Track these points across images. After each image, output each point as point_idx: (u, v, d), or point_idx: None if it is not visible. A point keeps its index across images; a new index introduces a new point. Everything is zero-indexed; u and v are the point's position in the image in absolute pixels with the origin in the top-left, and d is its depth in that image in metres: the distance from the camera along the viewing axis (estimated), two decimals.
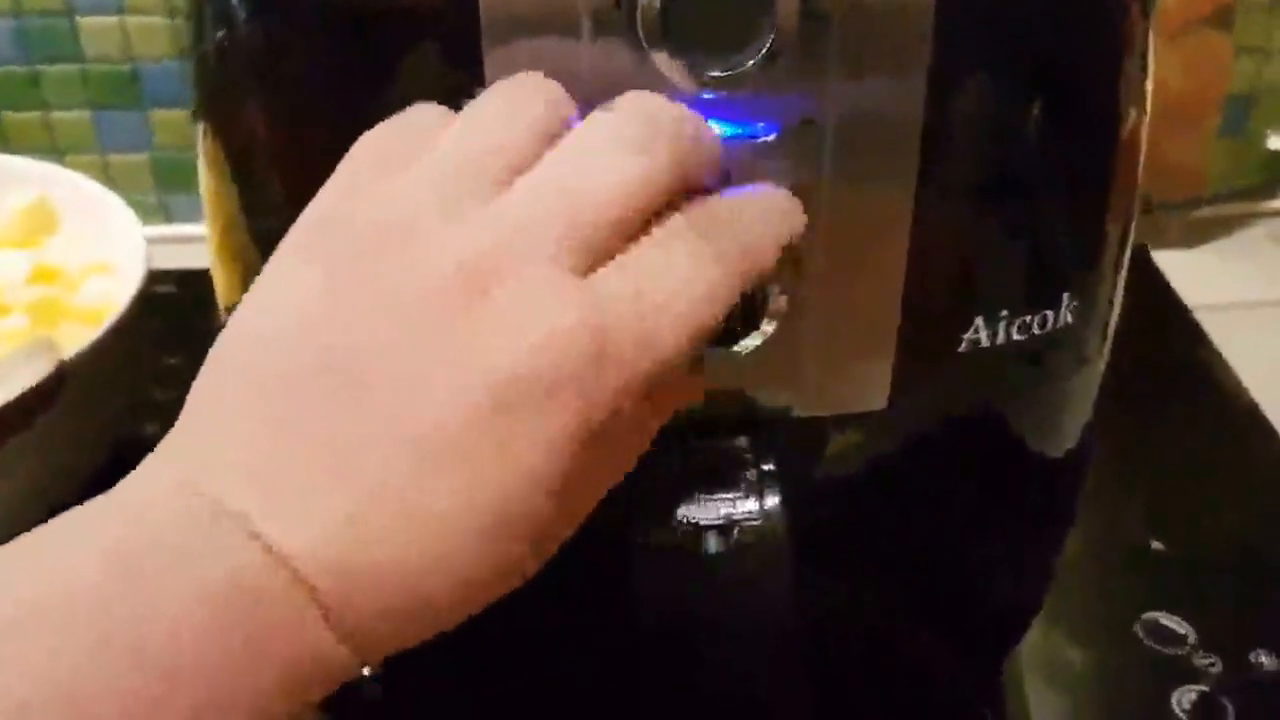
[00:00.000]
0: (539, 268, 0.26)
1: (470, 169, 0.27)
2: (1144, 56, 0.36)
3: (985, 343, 0.36)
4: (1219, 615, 0.52)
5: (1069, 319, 0.37)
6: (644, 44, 0.30)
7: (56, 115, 0.65)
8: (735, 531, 0.34)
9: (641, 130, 0.28)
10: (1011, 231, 0.35)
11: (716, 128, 0.31)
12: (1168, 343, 0.66)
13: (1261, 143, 0.71)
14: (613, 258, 0.27)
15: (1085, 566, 0.54)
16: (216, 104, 0.37)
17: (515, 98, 0.28)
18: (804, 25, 0.30)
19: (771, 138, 0.32)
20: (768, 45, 0.30)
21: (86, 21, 0.63)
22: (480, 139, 0.28)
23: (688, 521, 0.34)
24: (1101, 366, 0.41)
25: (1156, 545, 0.55)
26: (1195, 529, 0.57)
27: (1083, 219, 0.37)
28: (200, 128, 0.38)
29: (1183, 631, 0.51)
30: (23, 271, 0.53)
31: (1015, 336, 0.36)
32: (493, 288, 0.26)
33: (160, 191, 0.67)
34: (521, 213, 0.26)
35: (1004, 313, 0.35)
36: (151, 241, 0.52)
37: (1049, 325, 0.36)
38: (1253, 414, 0.62)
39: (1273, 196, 0.73)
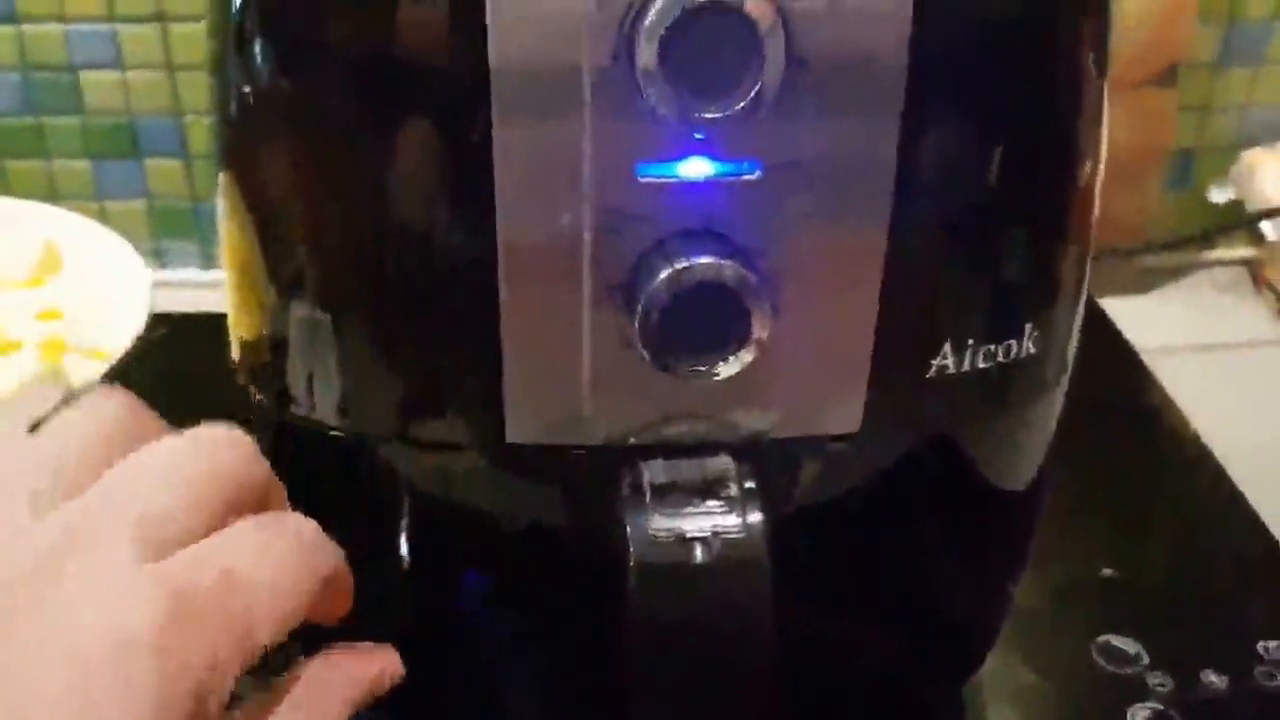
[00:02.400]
0: (109, 556, 0.28)
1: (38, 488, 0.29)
2: (1099, 108, 0.39)
3: (953, 369, 0.38)
4: (1169, 637, 0.54)
5: (1031, 348, 0.40)
6: (641, 88, 0.33)
7: (58, 164, 0.68)
8: (718, 544, 0.36)
9: (193, 446, 0.31)
10: (978, 267, 0.38)
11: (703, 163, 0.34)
12: (1118, 384, 0.68)
13: (1204, 195, 0.75)
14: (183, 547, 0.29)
15: (1042, 593, 0.57)
16: (238, 154, 0.39)
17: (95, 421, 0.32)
18: (788, 73, 0.33)
19: (756, 175, 0.35)
20: (755, 90, 0.33)
21: (88, 76, 0.66)
22: (52, 460, 0.30)
23: (675, 534, 0.36)
24: (1061, 396, 0.44)
25: (1109, 573, 0.58)
26: (1147, 557, 0.59)
27: (1043, 256, 0.39)
28: (221, 176, 0.39)
29: (1135, 652, 0.54)
30: (30, 310, 0.55)
31: (981, 364, 0.39)
32: (63, 582, 0.27)
33: (155, 238, 0.69)
34: (91, 509, 0.29)
35: (970, 341, 0.38)
36: None
37: (1013, 354, 0.39)
38: (1199, 449, 0.65)
39: (1215, 246, 0.77)
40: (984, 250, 0.38)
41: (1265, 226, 0.72)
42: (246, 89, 0.37)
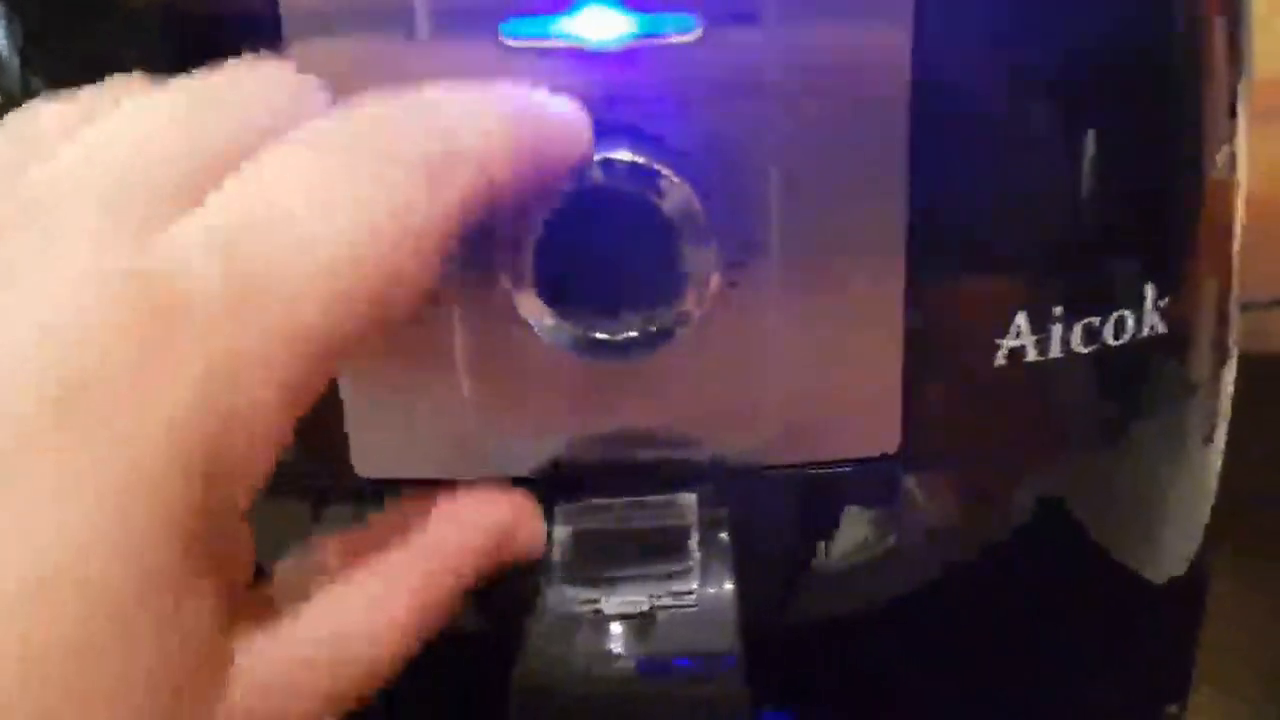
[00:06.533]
0: (79, 222, 0.19)
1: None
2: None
3: (1033, 354, 0.25)
4: None
5: (1158, 325, 0.26)
6: None
7: None
8: (663, 624, 0.23)
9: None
10: (1063, 189, 0.25)
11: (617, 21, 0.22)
12: None
13: None
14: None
15: None
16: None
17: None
18: None
19: (690, 36, 0.22)
20: None
21: None
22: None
23: (591, 610, 0.23)
24: (1222, 420, 0.29)
25: None
26: None
27: (1163, 182, 0.26)
28: None
29: None
30: None
31: (1078, 347, 0.25)
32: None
33: None
34: (62, 168, 0.20)
35: (1057, 310, 0.25)
36: None
37: (1128, 333, 0.25)
38: None
39: None
40: (1070, 165, 0.25)
41: None
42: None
